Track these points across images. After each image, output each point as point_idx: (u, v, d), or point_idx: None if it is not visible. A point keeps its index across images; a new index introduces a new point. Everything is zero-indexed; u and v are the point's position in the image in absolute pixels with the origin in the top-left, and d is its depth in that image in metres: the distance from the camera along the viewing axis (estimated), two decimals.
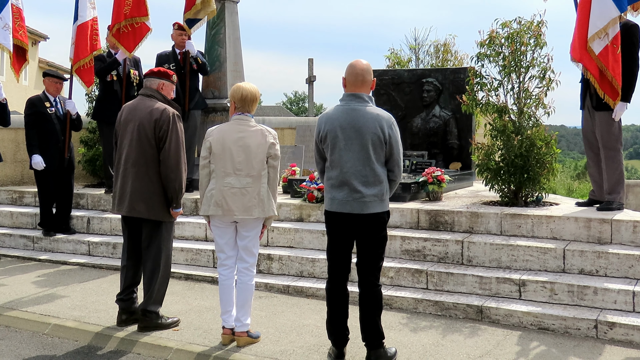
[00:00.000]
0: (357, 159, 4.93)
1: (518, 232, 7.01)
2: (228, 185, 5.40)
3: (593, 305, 6.02)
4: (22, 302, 6.83)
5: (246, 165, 5.40)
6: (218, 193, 5.42)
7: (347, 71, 5.08)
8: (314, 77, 21.30)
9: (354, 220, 4.98)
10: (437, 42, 15.48)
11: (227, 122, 5.55)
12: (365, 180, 4.94)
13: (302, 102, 76.36)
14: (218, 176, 5.44)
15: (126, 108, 6.06)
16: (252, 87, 5.56)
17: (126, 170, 5.90)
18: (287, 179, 9.08)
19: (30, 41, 29.25)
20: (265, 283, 7.25)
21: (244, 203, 5.41)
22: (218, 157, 5.42)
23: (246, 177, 5.41)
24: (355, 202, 4.93)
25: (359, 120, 4.94)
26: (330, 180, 5.05)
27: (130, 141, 5.89)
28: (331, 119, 5.01)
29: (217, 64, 10.15)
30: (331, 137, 4.98)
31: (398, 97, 10.62)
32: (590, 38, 6.67)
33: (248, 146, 5.39)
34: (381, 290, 5.13)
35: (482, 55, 7.79)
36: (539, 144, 7.47)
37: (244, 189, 5.40)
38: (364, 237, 5.06)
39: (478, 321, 6.15)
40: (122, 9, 9.20)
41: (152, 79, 6.09)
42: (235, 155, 5.39)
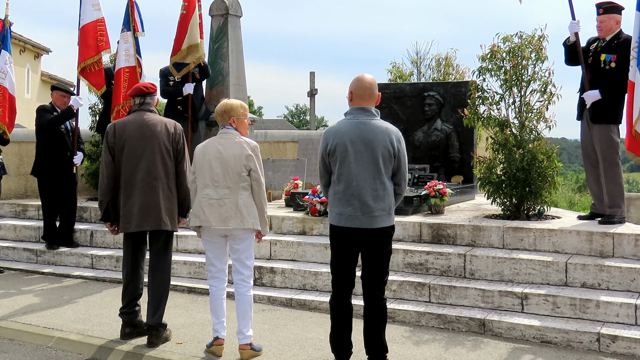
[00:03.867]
0: (367, 173, 4.93)
1: (520, 246, 7.03)
2: (206, 196, 5.53)
3: (595, 318, 6.04)
4: (25, 315, 6.85)
5: (223, 177, 5.51)
6: (197, 204, 5.60)
7: (354, 85, 5.09)
8: (316, 90, 21.35)
9: (361, 234, 4.99)
10: (439, 56, 15.57)
11: (216, 135, 5.69)
12: (375, 194, 4.95)
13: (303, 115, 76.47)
14: (199, 188, 5.61)
15: (127, 124, 6.02)
16: (229, 101, 5.73)
17: (147, 185, 5.89)
18: (290, 192, 9.11)
19: (33, 54, 29.56)
20: (268, 296, 7.27)
21: (221, 214, 5.50)
22: (199, 169, 5.59)
23: (223, 188, 5.51)
24: (364, 217, 4.94)
25: (369, 133, 4.96)
26: (337, 195, 5.00)
27: (149, 155, 5.92)
28: (340, 132, 4.97)
29: (220, 78, 10.21)
30: (340, 151, 4.94)
31: (400, 110, 10.66)
32: (635, 121, 6.67)
33: (224, 158, 5.51)
34: (386, 304, 5.16)
35: (483, 69, 7.83)
36: (541, 158, 7.50)
37: (220, 200, 5.50)
38: (371, 252, 5.07)
39: (481, 334, 6.16)
40: (120, 92, 9.30)
41: (150, 95, 6.16)
42: (214, 167, 5.52)
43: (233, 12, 10.28)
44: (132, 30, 9.45)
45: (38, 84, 30.30)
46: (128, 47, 9.41)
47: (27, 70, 29.05)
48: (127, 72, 9.40)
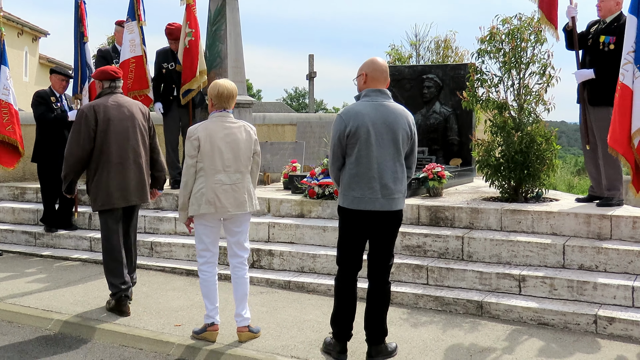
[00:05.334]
0: (388, 155, 4.93)
1: (518, 228, 7.04)
2: (219, 182, 5.46)
3: (592, 300, 6.05)
4: (24, 297, 6.87)
5: (234, 162, 5.51)
6: (209, 191, 5.46)
7: (370, 67, 5.05)
8: (315, 73, 21.32)
9: (379, 217, 4.97)
10: (438, 39, 15.55)
11: (210, 120, 5.58)
12: (395, 176, 4.97)
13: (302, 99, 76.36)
14: (208, 174, 5.47)
15: (110, 106, 6.39)
16: (230, 84, 5.63)
17: (135, 163, 6.41)
18: (288, 175, 9.11)
19: (31, 37, 29.45)
20: (266, 279, 7.28)
21: (236, 198, 5.52)
22: (207, 155, 5.45)
23: (235, 173, 5.52)
24: (384, 199, 4.93)
25: (390, 116, 4.94)
26: (355, 177, 4.92)
27: (133, 134, 6.41)
28: (360, 114, 4.90)
29: (217, 61, 10.15)
30: (363, 133, 4.86)
31: (398, 93, 10.63)
32: (634, 133, 6.59)
33: (234, 142, 5.51)
34: (390, 288, 5.18)
35: (482, 51, 7.80)
36: (539, 140, 7.49)
37: (234, 185, 5.51)
38: (384, 234, 5.08)
39: (478, 316, 6.19)
40: (125, 83, 9.25)
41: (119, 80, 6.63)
42: (225, 152, 5.47)
43: None
44: (137, 19, 9.40)
45: (36, 67, 30.22)
46: (134, 37, 9.37)
47: (25, 54, 28.94)
48: (134, 62, 9.35)
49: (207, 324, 5.65)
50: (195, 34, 9.36)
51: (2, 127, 8.47)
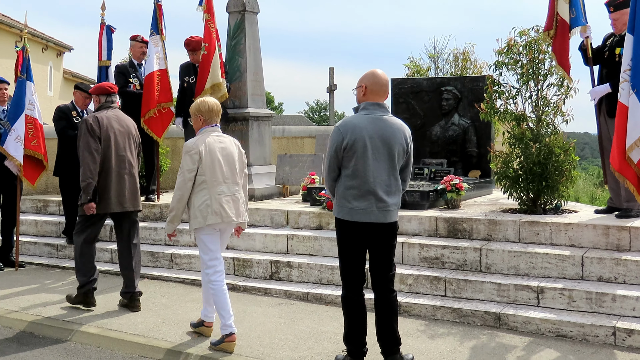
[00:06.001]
0: (383, 169, 4.97)
1: (536, 240, 7.01)
2: (222, 193, 5.70)
3: (611, 312, 6.01)
4: (45, 308, 6.96)
5: (231, 174, 5.80)
6: (215, 202, 5.66)
7: (370, 80, 5.07)
8: (335, 85, 21.42)
9: (374, 229, 5.01)
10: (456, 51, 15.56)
11: (204, 134, 5.81)
12: (388, 189, 5.01)
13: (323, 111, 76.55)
14: (211, 186, 5.68)
15: (111, 118, 6.96)
16: (215, 100, 6.00)
17: (130, 173, 6.97)
18: (307, 187, 9.15)
19: (55, 52, 29.85)
20: (284, 290, 7.32)
21: (237, 208, 5.80)
22: (208, 167, 5.67)
23: (233, 185, 5.80)
24: (379, 212, 4.97)
25: (387, 130, 4.99)
26: (351, 190, 4.97)
27: (127, 147, 6.98)
28: (358, 127, 4.93)
29: (237, 74, 10.26)
30: (359, 146, 4.90)
31: (417, 105, 10.66)
32: (628, 148, 6.59)
33: (231, 155, 5.83)
34: (397, 297, 5.20)
35: (500, 63, 7.82)
36: (557, 152, 7.47)
37: (233, 195, 5.78)
38: (382, 246, 5.11)
39: (496, 328, 6.17)
40: (153, 95, 9.40)
41: (115, 95, 7.26)
42: (223, 165, 5.74)
43: (250, 9, 10.32)
44: (160, 34, 9.51)
45: (60, 82, 30.60)
46: (159, 51, 9.47)
47: (50, 68, 29.34)
48: (159, 75, 9.44)
49: (224, 334, 5.68)
50: (208, 48, 9.43)
51: (27, 142, 8.60)
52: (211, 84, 9.37)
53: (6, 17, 25.54)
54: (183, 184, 5.69)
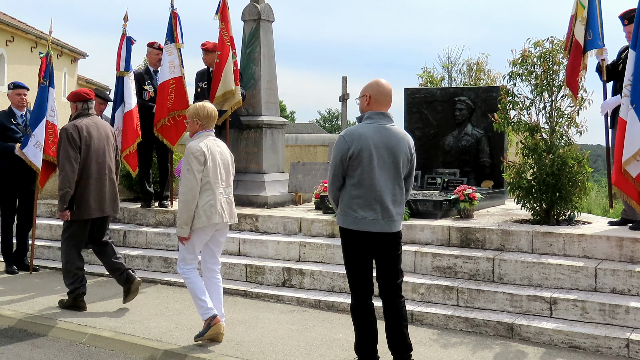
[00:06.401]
0: (389, 178, 5.00)
1: (549, 251, 7.01)
2: (222, 194, 6.00)
3: (625, 324, 6.00)
4: (60, 312, 7.00)
5: (227, 177, 6.10)
6: (218, 203, 5.93)
7: (374, 90, 5.10)
8: (348, 95, 21.41)
9: (379, 238, 5.04)
10: (470, 61, 15.58)
11: (203, 138, 6.00)
12: (394, 199, 5.04)
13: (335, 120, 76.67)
14: (213, 187, 5.91)
15: (89, 125, 7.14)
16: (213, 107, 6.18)
17: (109, 178, 7.23)
18: (320, 195, 9.18)
19: (70, 59, 30.07)
20: (297, 297, 7.34)
21: (231, 209, 6.14)
22: (211, 169, 5.90)
23: (228, 187, 6.10)
24: (384, 221, 4.99)
25: (392, 139, 5.02)
26: (357, 199, 4.98)
27: (105, 153, 7.20)
28: (363, 136, 4.95)
29: (251, 82, 10.32)
30: (366, 155, 4.92)
31: (430, 115, 10.68)
32: (625, 162, 6.61)
33: (226, 159, 6.12)
34: (405, 302, 5.24)
35: (514, 74, 7.84)
36: (571, 163, 7.47)
37: (228, 197, 6.09)
38: (388, 255, 5.13)
39: (509, 338, 6.17)
40: (166, 104, 9.46)
41: (92, 101, 7.39)
42: (221, 167, 6.01)
43: (265, 17, 10.39)
44: (175, 41, 9.57)
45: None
46: (173, 59, 9.51)
47: (64, 74, 29.57)
48: (173, 83, 9.48)
49: (209, 318, 5.92)
50: (220, 56, 9.49)
51: (47, 148, 8.67)
52: (223, 91, 9.42)
53: (22, 23, 25.79)
54: (195, 185, 5.82)
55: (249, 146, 10.23)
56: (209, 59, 9.83)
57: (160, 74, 9.69)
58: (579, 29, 7.45)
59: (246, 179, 10.12)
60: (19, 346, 6.16)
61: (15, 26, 24.64)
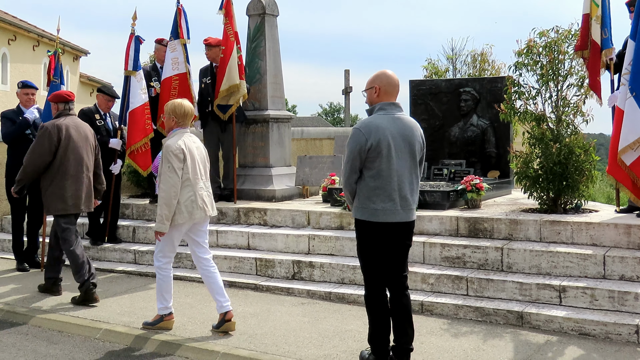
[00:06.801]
0: (406, 168, 5.05)
1: (557, 239, 7.06)
2: (202, 189, 6.23)
3: (634, 310, 6.05)
4: (73, 308, 7.07)
5: (205, 172, 6.33)
6: (198, 198, 6.17)
7: (383, 81, 5.14)
8: (350, 88, 21.48)
9: (397, 228, 5.08)
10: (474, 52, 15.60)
11: (180, 135, 6.19)
12: (412, 188, 5.10)
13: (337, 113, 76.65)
14: (193, 183, 6.15)
15: (69, 125, 7.44)
16: (190, 105, 6.37)
17: (86, 176, 7.49)
18: (327, 188, 9.23)
19: (72, 57, 30.09)
20: (307, 290, 7.40)
21: (211, 202, 6.37)
22: (191, 166, 6.13)
23: (207, 180, 6.35)
24: (403, 210, 5.04)
25: (406, 129, 5.07)
26: (376, 190, 5.00)
27: (83, 152, 7.47)
28: (381, 128, 4.98)
29: (257, 77, 10.36)
30: (384, 146, 4.95)
31: (436, 106, 10.72)
32: (621, 151, 6.64)
33: (203, 154, 6.35)
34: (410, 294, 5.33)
35: (520, 64, 7.87)
36: (578, 152, 7.51)
37: (207, 190, 6.33)
38: (401, 245, 5.18)
39: (518, 327, 6.22)
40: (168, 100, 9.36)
41: (73, 102, 7.67)
42: (199, 162, 6.24)
43: (270, 12, 10.42)
44: (179, 37, 9.58)
45: (77, 86, 30.86)
46: (176, 56, 9.54)
47: (67, 72, 29.58)
48: (177, 79, 9.52)
49: (164, 314, 6.30)
50: (225, 51, 9.53)
51: None
52: (228, 86, 9.48)
53: (24, 22, 25.84)
54: (177, 182, 6.04)
55: (255, 140, 10.28)
56: (212, 54, 9.88)
57: (163, 70, 9.74)
58: (595, 28, 7.42)
59: (253, 173, 10.17)
60: (34, 342, 6.23)
61: (17, 25, 24.67)
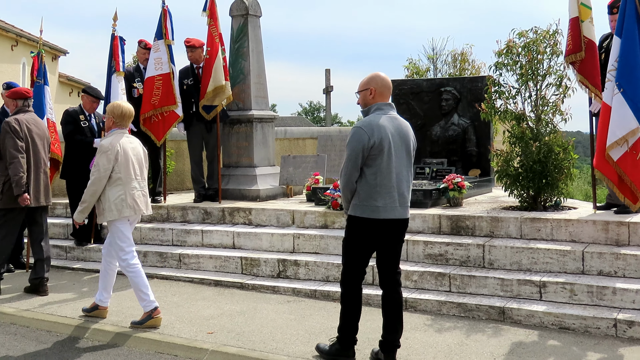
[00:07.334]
0: (403, 166, 5.22)
1: (538, 236, 7.21)
2: (135, 188, 6.44)
3: (612, 305, 6.21)
4: (60, 308, 7.12)
5: (141, 172, 6.56)
6: (129, 197, 6.40)
7: (378, 83, 5.28)
8: (331, 87, 21.60)
9: (394, 225, 5.23)
10: (455, 52, 15.76)
11: (117, 135, 6.45)
12: (408, 185, 5.27)
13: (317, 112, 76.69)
14: (125, 182, 6.39)
15: (29, 120, 7.74)
16: (130, 105, 6.68)
17: (40, 170, 7.74)
18: (311, 187, 9.33)
19: (50, 56, 29.84)
20: (292, 288, 7.50)
21: (146, 202, 6.60)
22: (123, 166, 6.36)
23: (142, 180, 6.57)
24: (401, 207, 5.20)
25: (403, 128, 5.26)
26: (376, 188, 5.12)
27: (41, 147, 7.79)
28: (382, 126, 5.11)
29: (241, 77, 10.42)
30: (386, 145, 5.09)
31: (417, 106, 10.85)
32: (609, 146, 6.74)
33: (140, 155, 6.59)
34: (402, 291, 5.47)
35: (499, 64, 8.01)
36: (557, 150, 7.67)
37: (142, 190, 6.55)
38: (396, 241, 5.35)
39: (500, 322, 6.36)
40: (149, 100, 9.58)
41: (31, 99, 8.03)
42: (135, 163, 6.47)
43: (253, 12, 10.49)
44: (164, 38, 9.63)
45: (56, 86, 30.63)
46: (160, 56, 9.57)
47: None
48: (160, 79, 9.56)
49: (150, 310, 6.37)
50: (210, 52, 9.59)
51: (51, 146, 8.81)
52: (213, 87, 9.53)
53: (2, 21, 25.62)
54: (99, 181, 6.31)
55: (239, 140, 10.35)
56: (196, 56, 9.93)
57: (147, 70, 9.77)
58: (589, 28, 7.45)
59: (238, 173, 10.24)
60: (22, 342, 6.27)
61: None
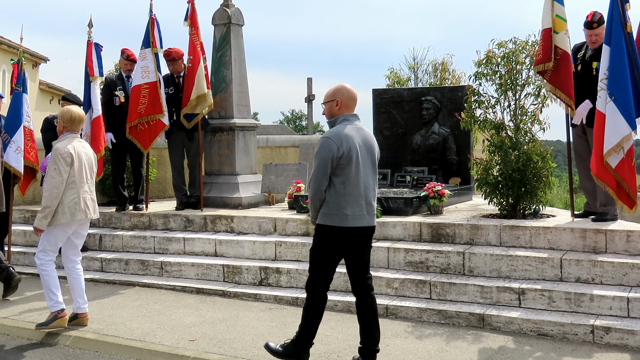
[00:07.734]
0: (369, 175, 5.34)
1: (517, 243, 7.30)
2: (86, 192, 6.58)
3: (589, 311, 6.31)
4: (42, 316, 7.08)
5: (90, 175, 6.69)
6: (81, 201, 6.50)
7: (344, 94, 5.40)
8: (313, 96, 21.65)
9: (362, 232, 5.33)
10: (435, 62, 15.90)
11: (69, 139, 6.54)
12: (374, 193, 5.39)
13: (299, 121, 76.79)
14: (78, 186, 6.49)
15: None
16: (81, 110, 6.78)
17: None
18: (293, 195, 9.37)
19: (31, 63, 29.69)
20: (274, 295, 7.53)
21: (94, 206, 6.73)
22: (77, 169, 6.46)
23: (92, 184, 6.70)
24: (368, 215, 5.31)
25: (368, 138, 5.39)
26: (346, 197, 5.21)
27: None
28: (350, 137, 5.22)
29: (223, 85, 10.46)
30: (354, 154, 5.19)
31: (398, 115, 10.93)
32: (606, 153, 6.86)
33: (90, 159, 6.70)
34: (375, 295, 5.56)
35: (479, 74, 8.11)
36: (535, 159, 7.77)
37: (92, 194, 6.68)
38: (365, 248, 5.45)
39: (480, 328, 6.43)
40: (135, 108, 9.58)
41: None
42: (86, 167, 6.59)
43: (235, 21, 10.54)
44: (151, 46, 9.64)
45: (36, 93, 30.46)
46: (147, 64, 9.57)
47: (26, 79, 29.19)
48: (147, 87, 9.55)
49: (57, 311, 6.54)
50: (192, 60, 9.62)
51: (27, 153, 8.78)
52: (196, 95, 9.57)
53: None
54: (60, 183, 6.37)
55: (221, 148, 10.37)
56: (177, 67, 9.94)
57: (133, 78, 9.77)
58: (563, 39, 7.51)
59: (220, 181, 10.27)
60: (4, 351, 6.25)
61: None
